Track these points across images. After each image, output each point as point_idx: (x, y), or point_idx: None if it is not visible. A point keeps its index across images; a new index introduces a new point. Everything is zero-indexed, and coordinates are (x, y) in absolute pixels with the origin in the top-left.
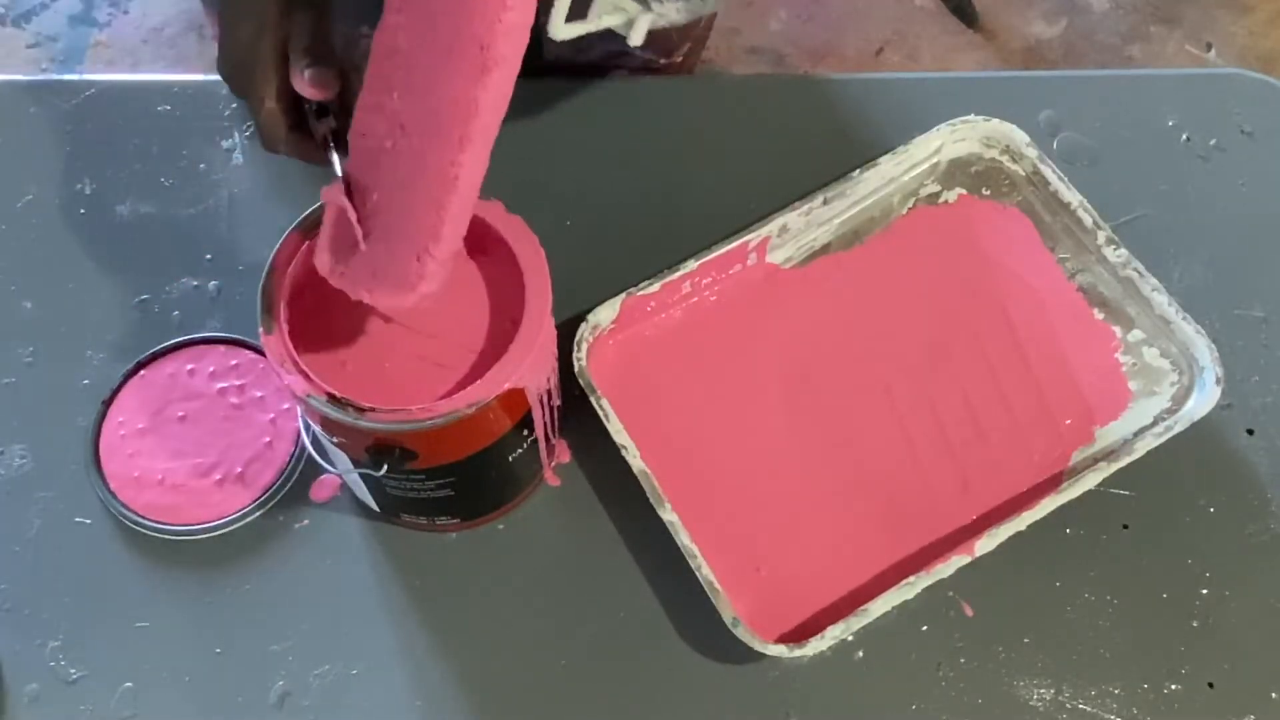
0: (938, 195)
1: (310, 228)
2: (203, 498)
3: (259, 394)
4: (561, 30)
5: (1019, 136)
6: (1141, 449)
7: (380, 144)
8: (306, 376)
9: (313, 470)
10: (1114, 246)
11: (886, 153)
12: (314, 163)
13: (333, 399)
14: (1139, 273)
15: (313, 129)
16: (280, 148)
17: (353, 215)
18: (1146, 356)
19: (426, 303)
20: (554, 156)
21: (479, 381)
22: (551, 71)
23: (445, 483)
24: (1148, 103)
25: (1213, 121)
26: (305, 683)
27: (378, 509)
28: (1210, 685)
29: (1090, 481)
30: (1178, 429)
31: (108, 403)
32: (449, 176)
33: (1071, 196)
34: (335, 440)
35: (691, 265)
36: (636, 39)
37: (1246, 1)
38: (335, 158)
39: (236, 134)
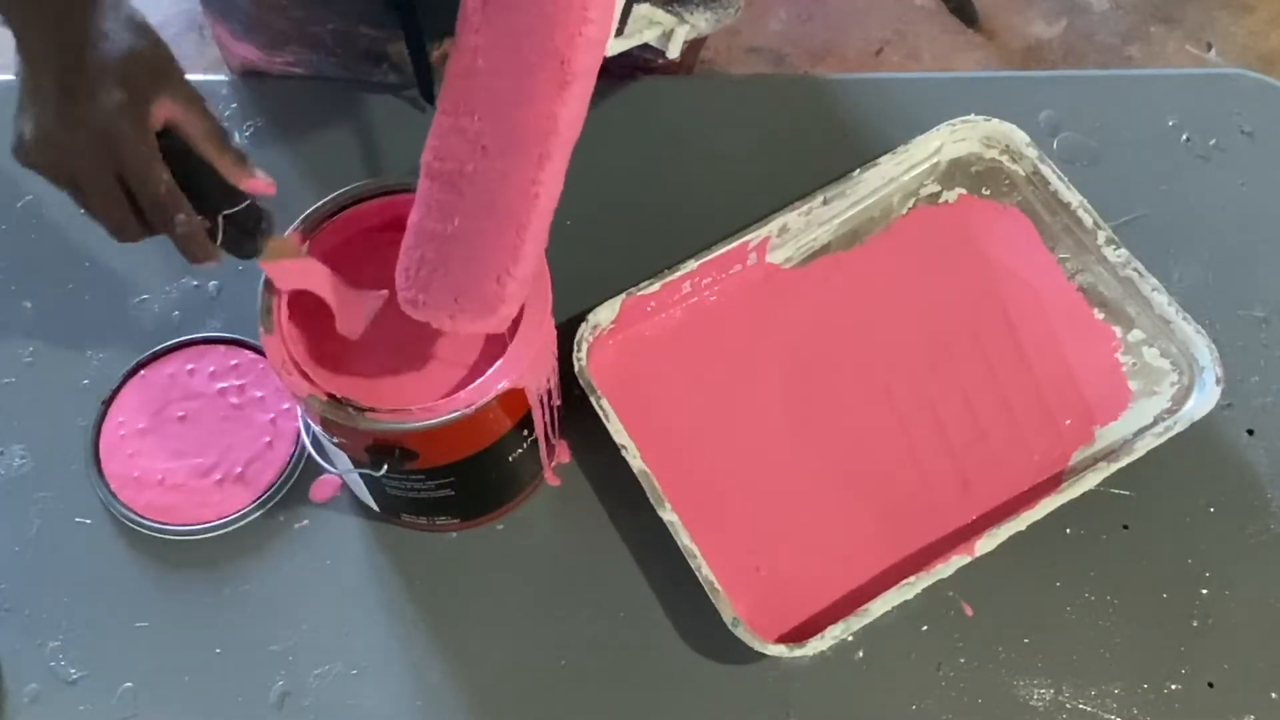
0: (938, 195)
1: (311, 228)
2: (203, 498)
3: (259, 394)
4: (611, 45)
5: (1019, 136)
6: (1141, 449)
7: (461, 168)
8: (306, 377)
9: (313, 470)
10: (1114, 246)
11: (886, 153)
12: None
13: (333, 399)
14: (1139, 273)
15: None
16: (215, 255)
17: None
18: (1146, 356)
19: (504, 325)
20: None
21: (479, 381)
22: None
23: (445, 483)
24: (1148, 103)
25: (1213, 121)
26: (305, 683)
27: (378, 509)
28: (1210, 685)
29: (1090, 481)
30: (1178, 429)
31: (108, 403)
32: (530, 195)
33: (1071, 196)
34: (335, 440)
35: (691, 265)
36: (674, 51)
37: (1246, 1)
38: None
39: (236, 134)
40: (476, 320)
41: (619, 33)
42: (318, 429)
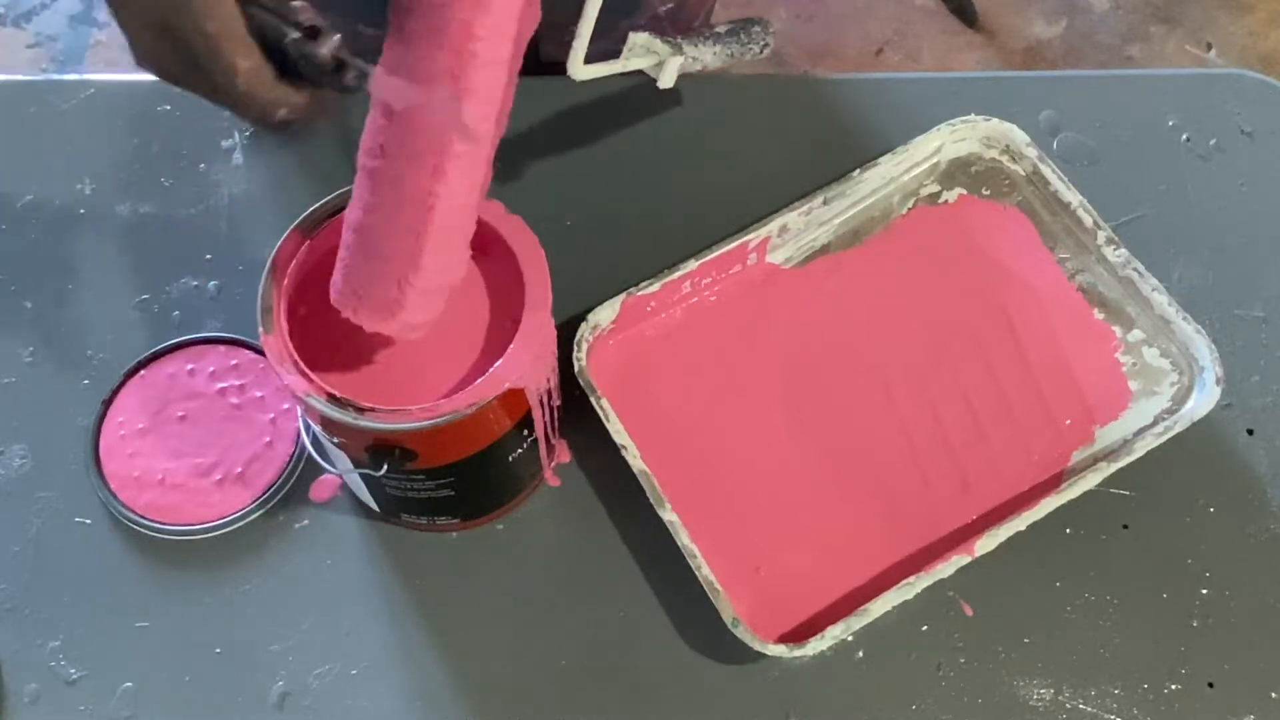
0: (938, 195)
1: (310, 228)
2: (203, 498)
3: (259, 394)
4: (581, 71)
5: (1019, 136)
6: (1141, 449)
7: (366, 161)
8: (306, 376)
9: (313, 470)
10: (1114, 246)
11: (886, 153)
12: (324, 116)
13: (333, 399)
14: (1139, 273)
15: (311, 64)
16: (283, 110)
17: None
18: (1146, 356)
19: (414, 333)
20: (554, 156)
21: (479, 381)
22: (549, 71)
23: (445, 483)
24: (1148, 103)
25: (1213, 121)
26: (305, 683)
27: (378, 509)
28: (1210, 685)
29: (1090, 481)
30: (1178, 429)
31: (108, 403)
32: (425, 205)
33: (1071, 196)
34: (335, 440)
35: (691, 265)
36: (666, 82)
37: (1246, 1)
38: (358, 71)
39: (236, 134)
40: (376, 320)
41: (616, 40)
42: (318, 429)
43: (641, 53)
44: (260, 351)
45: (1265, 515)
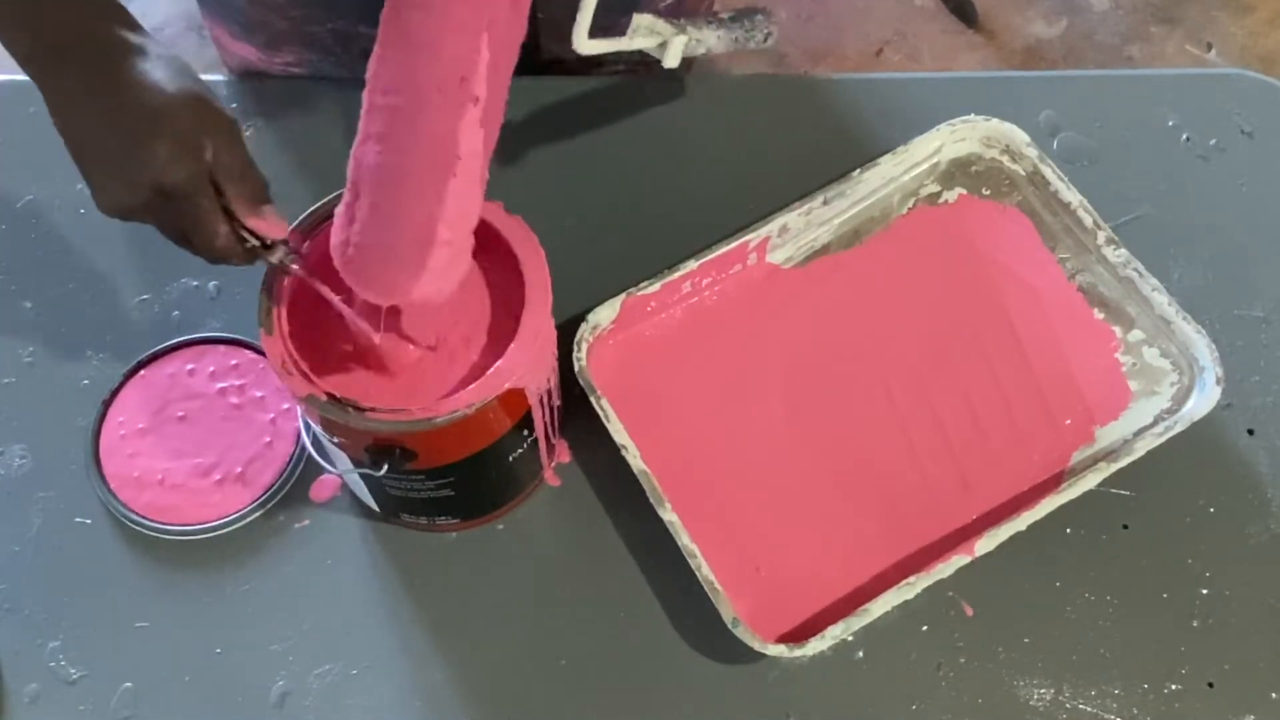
0: (938, 195)
1: (310, 228)
2: (203, 498)
3: (259, 394)
4: (585, 45)
5: (1019, 136)
6: (1141, 449)
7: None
8: (306, 377)
9: (313, 470)
10: (1114, 246)
11: (886, 153)
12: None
13: (333, 399)
14: (1139, 273)
15: (264, 257)
16: (233, 260)
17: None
18: (1146, 356)
19: (439, 294)
20: (554, 156)
21: (479, 381)
22: (549, 69)
23: (445, 483)
24: (1148, 103)
25: (1213, 121)
26: (305, 683)
27: (378, 509)
28: (1210, 685)
29: (1090, 481)
30: (1178, 429)
31: (108, 403)
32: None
33: (1071, 196)
34: (335, 440)
35: (691, 265)
36: (671, 61)
37: (1246, 1)
38: (300, 272)
39: None
40: (396, 279)
41: (618, 33)
42: (318, 429)
43: (645, 33)
44: (260, 351)
45: (1265, 515)
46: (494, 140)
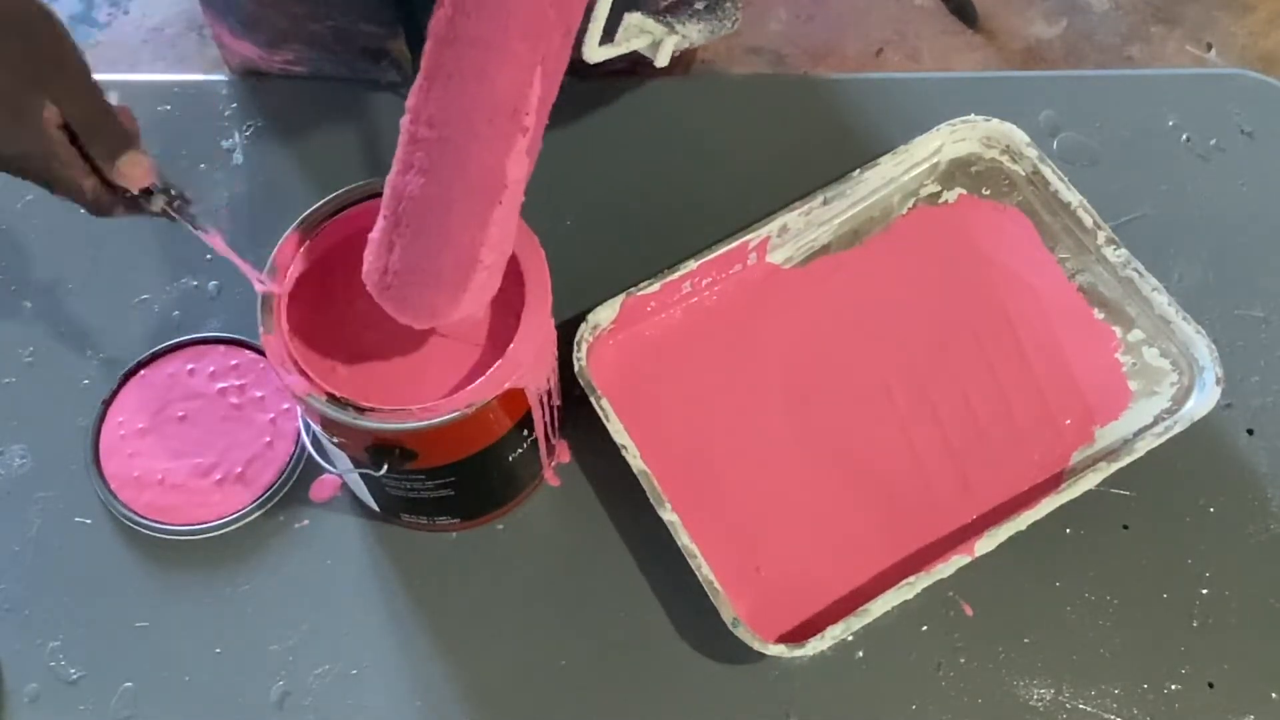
0: (938, 195)
1: (310, 228)
2: (203, 498)
3: (259, 394)
4: (595, 53)
5: (1019, 136)
6: (1141, 449)
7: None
8: (306, 376)
9: (313, 470)
10: (1114, 246)
11: (886, 153)
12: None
13: (333, 399)
14: (1139, 273)
15: (144, 207)
16: (116, 211)
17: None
18: (1146, 356)
19: (468, 314)
20: (554, 156)
21: (479, 381)
22: None
23: (445, 483)
24: (1148, 103)
25: (1213, 121)
26: (305, 683)
27: (378, 509)
28: (1210, 685)
29: (1090, 481)
30: (1178, 429)
31: (108, 403)
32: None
33: (1071, 196)
34: (335, 440)
35: (691, 265)
36: (662, 60)
37: (1246, 1)
38: (183, 222)
39: (236, 134)
40: (433, 303)
41: (610, 39)
42: (318, 429)
43: (635, 33)
44: (260, 351)
45: (1265, 515)
46: (534, 163)
